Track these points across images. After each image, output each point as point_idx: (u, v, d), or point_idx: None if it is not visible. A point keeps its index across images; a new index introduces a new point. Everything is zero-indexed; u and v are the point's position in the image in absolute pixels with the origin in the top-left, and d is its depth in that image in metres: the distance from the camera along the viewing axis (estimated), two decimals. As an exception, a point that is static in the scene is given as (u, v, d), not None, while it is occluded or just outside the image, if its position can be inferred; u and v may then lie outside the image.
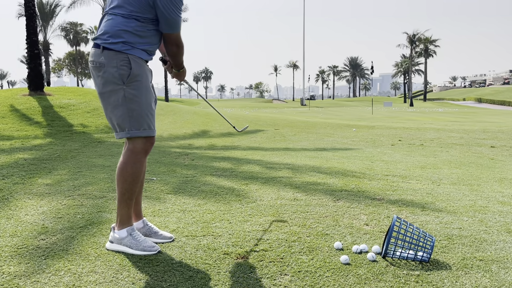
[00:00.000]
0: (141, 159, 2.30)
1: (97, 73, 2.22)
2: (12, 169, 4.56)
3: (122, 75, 2.18)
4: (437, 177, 4.61)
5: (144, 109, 2.25)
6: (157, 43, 2.33)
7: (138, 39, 2.22)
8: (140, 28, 2.21)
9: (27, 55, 12.41)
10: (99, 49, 2.20)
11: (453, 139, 8.57)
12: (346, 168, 5.01)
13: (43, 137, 7.42)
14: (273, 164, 5.21)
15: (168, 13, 2.17)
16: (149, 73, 2.35)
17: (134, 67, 2.20)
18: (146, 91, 2.27)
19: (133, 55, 2.21)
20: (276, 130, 9.86)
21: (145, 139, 2.29)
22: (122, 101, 2.20)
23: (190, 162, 5.30)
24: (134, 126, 2.23)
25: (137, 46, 2.23)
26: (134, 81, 2.21)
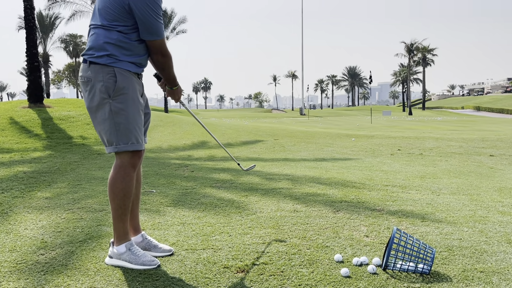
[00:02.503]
0: (130, 173, 2.29)
1: (85, 88, 2.24)
2: (12, 182, 4.55)
3: (108, 88, 2.18)
4: (437, 187, 4.61)
5: (131, 122, 2.24)
6: (144, 54, 2.31)
7: (122, 51, 2.22)
8: (123, 39, 2.20)
9: (27, 68, 12.47)
10: (86, 64, 2.21)
11: (452, 148, 8.58)
12: (345, 178, 5.01)
13: (43, 149, 7.42)
14: (273, 175, 5.21)
15: (145, 17, 2.15)
16: (139, 85, 2.34)
17: (119, 80, 2.20)
18: (133, 104, 2.26)
19: (119, 68, 2.21)
20: (276, 141, 9.86)
21: (132, 153, 2.28)
22: (108, 115, 2.20)
23: (189, 173, 5.30)
24: (121, 140, 2.23)
25: (122, 59, 2.22)
26: (120, 94, 2.20)
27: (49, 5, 31.89)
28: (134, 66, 2.28)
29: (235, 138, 10.06)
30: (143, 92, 2.42)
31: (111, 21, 2.17)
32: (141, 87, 2.37)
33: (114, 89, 2.18)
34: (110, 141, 2.23)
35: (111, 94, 2.19)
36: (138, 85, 2.33)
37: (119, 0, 2.13)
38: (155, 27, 2.20)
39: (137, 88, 2.30)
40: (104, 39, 2.18)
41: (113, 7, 2.15)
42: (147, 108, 2.49)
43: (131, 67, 2.26)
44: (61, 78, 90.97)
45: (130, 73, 2.26)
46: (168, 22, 47.71)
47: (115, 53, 2.20)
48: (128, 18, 2.17)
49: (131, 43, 2.23)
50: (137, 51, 2.26)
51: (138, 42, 2.25)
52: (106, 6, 2.17)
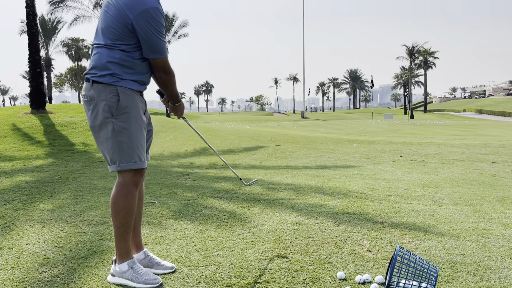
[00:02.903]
0: (132, 191, 2.29)
1: (88, 107, 2.25)
2: (14, 193, 4.56)
3: (110, 107, 2.19)
4: (439, 196, 4.60)
5: (134, 141, 2.25)
6: (147, 72, 2.32)
7: (125, 69, 2.22)
8: (126, 58, 2.21)
9: (29, 74, 12.52)
10: (89, 83, 2.22)
11: (455, 154, 8.56)
12: (347, 188, 5.00)
13: (45, 157, 7.43)
14: (275, 184, 5.20)
15: (148, 36, 2.16)
16: (141, 103, 2.35)
17: (122, 99, 2.20)
18: (136, 122, 2.27)
19: (122, 87, 2.22)
20: (277, 146, 9.86)
21: (134, 172, 2.29)
22: (111, 134, 2.21)
23: (191, 183, 5.30)
24: (124, 159, 2.23)
25: (125, 77, 2.23)
26: (123, 113, 2.21)
27: (51, 9, 32.00)
28: (137, 84, 2.29)
29: (236, 144, 10.06)
30: (145, 110, 2.42)
31: (114, 40, 2.18)
32: (143, 104, 2.38)
33: (117, 108, 2.19)
34: (113, 160, 2.24)
35: (114, 113, 2.19)
36: (141, 102, 2.34)
37: (122, 20, 2.14)
38: (158, 46, 2.21)
39: (139, 106, 2.31)
40: (107, 58, 2.19)
41: (116, 27, 2.16)
42: (149, 125, 2.50)
43: (134, 85, 2.27)
44: (63, 82, 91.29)
45: (133, 91, 2.26)
46: (169, 26, 47.82)
47: (118, 72, 2.20)
48: (131, 37, 2.18)
49: (134, 61, 2.23)
50: (140, 69, 2.27)
51: (141, 60, 2.26)
52: (109, 25, 2.18)
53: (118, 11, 2.15)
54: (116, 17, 2.15)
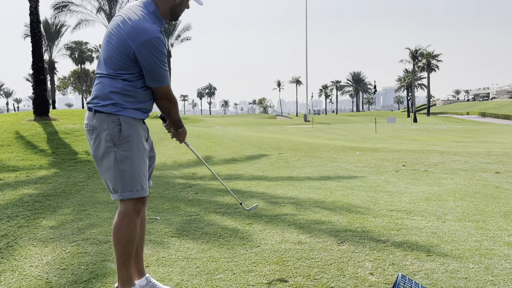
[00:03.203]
0: (134, 220, 2.31)
1: (90, 136, 2.27)
2: (17, 208, 4.58)
3: (113, 136, 2.21)
4: (442, 211, 4.59)
5: (136, 169, 2.27)
6: (149, 100, 2.34)
7: (128, 98, 2.24)
8: (128, 87, 2.23)
9: (32, 81, 12.57)
10: (91, 112, 2.24)
11: (458, 163, 8.53)
12: (350, 202, 4.99)
13: (48, 167, 7.46)
14: (277, 198, 5.20)
15: (151, 66, 2.17)
16: (144, 131, 2.36)
17: (124, 129, 2.22)
18: (138, 151, 2.28)
19: (124, 116, 2.23)
20: (280, 155, 9.86)
21: (136, 200, 2.31)
22: (114, 163, 2.23)
23: (194, 196, 5.31)
24: (126, 188, 2.25)
25: (127, 106, 2.25)
26: (125, 142, 2.23)
27: (55, 14, 32.20)
28: (140, 113, 2.30)
29: (239, 152, 10.07)
30: (148, 137, 2.43)
31: (117, 69, 2.19)
32: (146, 132, 2.39)
33: (119, 137, 2.21)
34: (116, 189, 2.25)
35: (116, 143, 2.21)
36: (143, 130, 2.35)
37: (124, 50, 2.16)
38: (160, 75, 2.22)
39: (142, 134, 2.32)
40: (109, 88, 2.21)
41: (118, 56, 2.17)
42: (151, 151, 2.51)
43: (136, 114, 2.28)
44: (67, 85, 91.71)
45: (135, 120, 2.27)
46: (172, 29, 48.00)
47: (120, 102, 2.22)
48: (133, 66, 2.19)
49: (136, 90, 2.25)
50: (142, 97, 2.28)
51: (144, 89, 2.27)
52: (111, 55, 2.20)
53: (121, 41, 2.16)
54: (119, 47, 2.17)
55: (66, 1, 30.26)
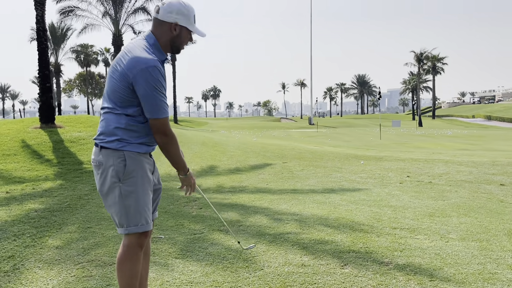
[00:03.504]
0: (137, 253, 2.34)
1: (97, 171, 2.31)
2: (24, 225, 4.63)
3: (118, 172, 2.24)
4: (446, 229, 4.59)
5: (141, 204, 2.30)
6: None
7: (132, 133, 2.27)
8: (132, 123, 2.26)
9: (39, 89, 12.69)
10: (98, 148, 2.29)
11: (462, 174, 8.51)
12: (354, 218, 5.00)
13: (54, 178, 7.52)
14: (281, 214, 5.22)
15: (147, 94, 2.18)
16: (149, 164, 2.38)
17: (129, 164, 2.25)
18: (143, 186, 2.31)
19: (129, 151, 2.26)
20: (284, 164, 9.88)
21: (140, 234, 2.33)
22: (119, 199, 2.26)
23: (198, 211, 5.34)
24: (132, 222, 2.29)
25: (132, 141, 2.27)
26: (130, 177, 2.26)
27: (61, 18, 32.37)
28: (145, 147, 2.33)
29: (243, 162, 10.10)
30: (154, 169, 2.46)
31: (120, 104, 2.24)
32: (151, 165, 2.42)
33: (124, 172, 2.24)
34: (121, 223, 2.29)
35: (121, 178, 2.24)
36: (149, 164, 2.38)
37: (125, 81, 2.20)
38: (156, 105, 2.21)
39: (147, 168, 2.35)
40: (114, 124, 2.25)
41: (120, 89, 2.22)
42: (158, 184, 2.53)
43: (141, 148, 2.31)
44: (72, 87, 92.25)
45: (140, 154, 2.31)
46: (177, 33, 48.11)
47: (125, 137, 2.25)
48: (134, 98, 2.23)
49: (139, 125, 2.28)
50: (146, 131, 2.32)
51: (147, 123, 2.31)
52: (114, 89, 2.25)
53: (121, 74, 2.21)
54: (120, 80, 2.21)
55: (72, 6, 30.43)
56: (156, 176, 2.50)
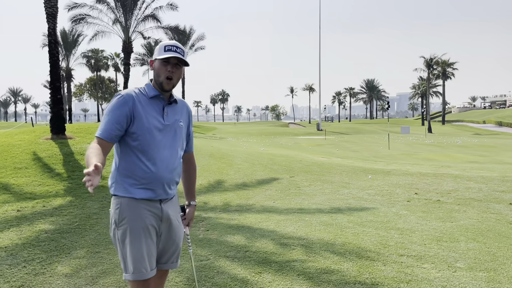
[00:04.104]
0: None
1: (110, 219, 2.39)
2: (34, 248, 4.70)
3: (115, 218, 2.33)
4: (453, 257, 4.56)
5: (135, 253, 2.28)
6: (148, 172, 2.34)
7: (122, 171, 2.33)
8: (119, 160, 2.35)
9: (50, 100, 12.86)
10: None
11: (471, 191, 8.45)
12: (360, 244, 5.00)
13: (64, 194, 7.62)
14: (287, 237, 5.23)
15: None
16: (152, 213, 2.34)
17: (121, 210, 2.31)
18: (135, 235, 2.29)
19: (124, 197, 2.31)
20: (291, 178, 9.89)
21: (137, 282, 2.30)
22: (118, 245, 2.34)
23: (204, 234, 5.37)
24: (128, 269, 2.31)
25: (126, 185, 2.31)
26: (121, 224, 2.31)
27: (72, 25, 32.80)
28: (141, 191, 2.32)
29: (250, 176, 10.13)
30: (162, 217, 2.42)
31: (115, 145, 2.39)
32: (155, 214, 2.38)
33: (118, 219, 2.31)
34: (123, 268, 2.34)
35: (117, 224, 2.31)
36: (150, 212, 2.35)
37: None
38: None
39: (144, 217, 2.33)
40: (113, 165, 2.33)
41: None
42: (173, 234, 2.48)
43: (137, 192, 2.32)
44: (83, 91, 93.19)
45: (136, 200, 2.32)
46: (186, 39, 48.48)
47: (118, 179, 2.33)
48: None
49: (127, 162, 2.34)
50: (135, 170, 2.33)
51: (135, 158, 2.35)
52: None
53: None
54: None
55: (83, 14, 30.84)
56: (169, 224, 2.45)
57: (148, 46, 51.79)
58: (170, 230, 2.47)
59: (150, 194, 2.35)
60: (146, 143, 2.32)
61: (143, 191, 2.34)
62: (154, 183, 2.35)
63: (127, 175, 2.30)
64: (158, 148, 2.36)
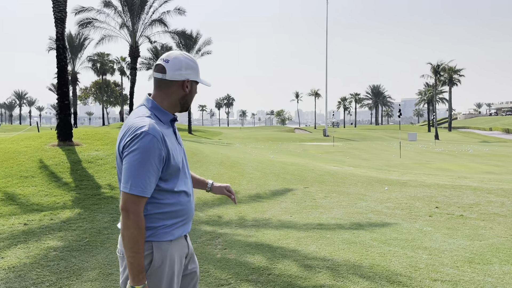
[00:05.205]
0: None
1: (121, 262, 2.10)
2: (43, 269, 4.42)
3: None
4: (491, 283, 4.25)
5: None
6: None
7: (152, 217, 2.05)
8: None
9: (57, 106, 12.64)
10: None
11: (494, 205, 8.12)
12: (389, 266, 4.69)
13: (72, 205, 7.35)
14: (311, 258, 4.92)
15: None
16: (180, 256, 2.07)
17: (156, 258, 1.99)
18: (168, 283, 1.98)
19: (158, 241, 2.05)
20: (305, 189, 9.59)
21: None
22: None
23: (222, 253, 5.07)
24: None
25: (160, 230, 2.06)
26: (152, 274, 1.99)
27: (79, 29, 32.75)
28: (179, 229, 2.08)
29: (263, 186, 9.83)
30: (188, 252, 2.16)
31: None
32: (183, 252, 2.10)
33: (148, 269, 1.97)
34: None
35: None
36: (179, 251, 2.07)
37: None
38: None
39: (175, 259, 2.03)
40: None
41: None
42: (193, 263, 2.24)
43: (176, 231, 2.06)
44: (88, 95, 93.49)
45: (168, 243, 2.04)
46: (193, 44, 48.43)
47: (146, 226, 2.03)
48: None
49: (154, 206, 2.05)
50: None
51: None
52: None
53: None
54: None
55: (90, 18, 30.77)
56: (190, 256, 2.20)
57: (154, 50, 51.73)
58: (191, 262, 2.21)
59: (186, 229, 2.09)
60: (177, 179, 2.03)
61: (181, 228, 2.06)
62: (186, 216, 2.08)
63: (158, 218, 1.98)
64: (184, 174, 2.10)
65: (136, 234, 1.83)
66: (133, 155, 1.85)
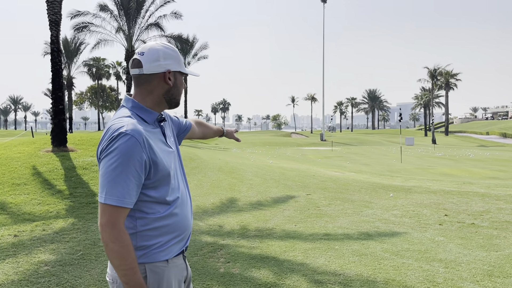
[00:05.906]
0: None
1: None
2: (32, 286, 4.07)
3: None
4: (516, 300, 3.94)
5: None
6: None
7: (143, 234, 1.82)
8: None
9: (52, 110, 12.29)
10: None
11: (504, 212, 7.84)
12: (405, 281, 4.37)
13: (65, 214, 7.00)
14: (320, 273, 4.60)
15: None
16: (179, 274, 1.81)
17: (151, 280, 1.75)
18: None
19: (151, 263, 1.80)
20: (308, 196, 9.27)
21: None
22: None
23: (225, 267, 4.74)
24: None
25: (155, 249, 1.82)
26: None
27: (75, 34, 32.38)
28: (175, 246, 1.81)
29: (264, 193, 9.51)
30: (187, 276, 1.89)
31: None
32: (183, 272, 1.85)
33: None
34: None
35: None
36: (176, 273, 1.81)
37: None
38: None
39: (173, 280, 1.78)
40: None
41: None
42: None
43: (170, 250, 1.80)
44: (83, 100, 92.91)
45: (166, 262, 1.78)
46: (189, 48, 48.19)
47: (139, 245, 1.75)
48: None
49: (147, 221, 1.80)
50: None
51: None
52: None
53: None
54: None
55: (86, 22, 30.40)
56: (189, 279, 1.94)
57: (150, 55, 51.25)
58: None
59: (183, 245, 1.83)
60: (168, 186, 1.75)
61: (178, 245, 1.79)
62: (182, 230, 1.81)
63: (150, 235, 1.71)
64: (176, 181, 1.83)
65: (117, 249, 1.56)
66: (108, 159, 1.59)
